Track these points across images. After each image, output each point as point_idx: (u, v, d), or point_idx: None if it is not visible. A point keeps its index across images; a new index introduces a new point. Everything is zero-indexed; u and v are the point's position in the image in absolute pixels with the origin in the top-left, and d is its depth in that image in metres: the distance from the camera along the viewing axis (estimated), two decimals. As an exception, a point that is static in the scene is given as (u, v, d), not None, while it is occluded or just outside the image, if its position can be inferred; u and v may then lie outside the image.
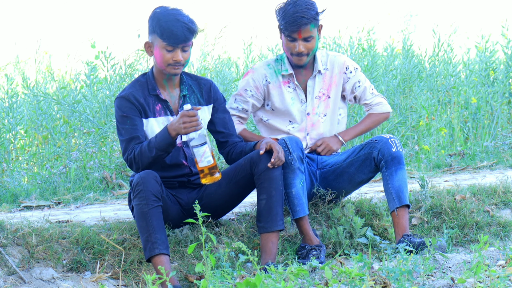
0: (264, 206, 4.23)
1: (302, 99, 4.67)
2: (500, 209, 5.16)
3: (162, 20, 4.18)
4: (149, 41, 4.25)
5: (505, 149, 7.15)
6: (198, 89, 4.40)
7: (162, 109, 4.29)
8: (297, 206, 4.39)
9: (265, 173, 4.21)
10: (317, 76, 4.67)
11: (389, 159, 4.45)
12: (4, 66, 9.44)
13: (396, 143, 4.48)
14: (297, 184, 4.37)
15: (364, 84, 4.76)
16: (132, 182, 4.21)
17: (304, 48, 4.53)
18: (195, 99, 4.37)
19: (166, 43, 4.17)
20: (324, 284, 3.54)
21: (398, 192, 4.43)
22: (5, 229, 4.27)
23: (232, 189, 4.35)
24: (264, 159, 4.22)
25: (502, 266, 3.79)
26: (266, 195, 4.23)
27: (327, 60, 4.70)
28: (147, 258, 4.04)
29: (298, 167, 4.36)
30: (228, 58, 9.69)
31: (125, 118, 4.23)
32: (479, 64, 8.67)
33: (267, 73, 4.68)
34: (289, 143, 4.37)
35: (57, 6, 14.50)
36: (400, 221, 4.43)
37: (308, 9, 4.50)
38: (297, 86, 4.67)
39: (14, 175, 6.31)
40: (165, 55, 4.19)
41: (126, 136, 4.21)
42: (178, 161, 4.34)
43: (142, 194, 4.05)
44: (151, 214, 4.05)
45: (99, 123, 7.05)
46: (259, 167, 4.22)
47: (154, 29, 4.20)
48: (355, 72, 4.72)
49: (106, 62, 7.49)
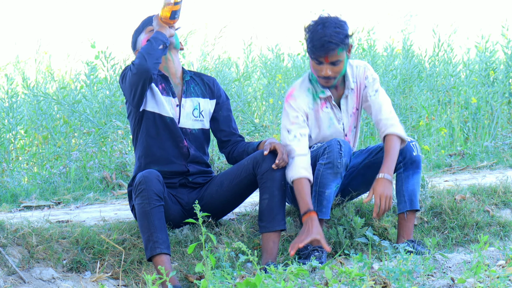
0: (266, 206, 4.23)
1: (340, 118, 4.47)
2: (500, 209, 5.16)
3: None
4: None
5: (505, 149, 7.15)
6: (202, 83, 4.45)
7: (165, 90, 4.33)
8: (324, 208, 4.33)
9: (268, 173, 4.21)
10: (349, 94, 4.47)
11: (409, 162, 4.41)
12: (4, 66, 9.45)
13: (417, 147, 4.42)
14: (332, 187, 4.33)
15: (379, 95, 4.47)
16: (133, 182, 4.21)
17: (331, 72, 4.31)
18: (199, 90, 4.42)
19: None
20: (324, 284, 3.54)
21: (411, 196, 4.43)
22: (5, 229, 4.27)
23: (234, 189, 4.35)
24: (268, 160, 4.22)
25: (502, 266, 3.79)
26: (268, 195, 4.23)
27: (353, 73, 4.48)
28: (148, 257, 4.05)
29: (341, 172, 4.30)
30: (228, 58, 9.70)
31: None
32: (479, 64, 8.67)
33: (309, 100, 4.44)
34: (343, 146, 4.27)
35: (57, 6, 14.50)
36: (407, 224, 4.43)
37: (337, 33, 4.25)
38: (334, 106, 4.45)
39: (14, 175, 6.31)
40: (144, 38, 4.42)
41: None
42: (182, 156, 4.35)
43: (145, 193, 4.06)
44: (153, 214, 4.05)
45: (99, 123, 7.05)
46: (262, 167, 4.22)
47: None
48: (373, 81, 4.47)
49: (106, 62, 7.50)
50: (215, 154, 6.42)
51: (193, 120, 4.38)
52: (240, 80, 8.39)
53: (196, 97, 4.40)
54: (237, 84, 8.24)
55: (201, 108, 4.40)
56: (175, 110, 4.33)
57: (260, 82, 9.29)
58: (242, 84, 8.44)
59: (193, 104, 4.38)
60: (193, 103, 4.38)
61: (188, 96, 4.38)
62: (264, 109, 8.65)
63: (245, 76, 8.85)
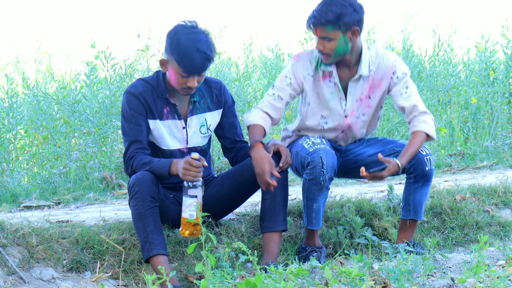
0: (268, 206, 4.23)
1: (342, 97, 4.45)
2: (500, 209, 5.16)
3: (182, 47, 4.08)
4: (165, 58, 4.18)
5: (505, 149, 7.15)
6: (209, 93, 4.36)
7: (170, 113, 4.26)
8: (314, 219, 4.37)
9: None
10: (361, 79, 4.44)
11: (420, 175, 4.40)
12: (4, 66, 9.45)
13: (431, 161, 4.39)
14: (320, 200, 4.34)
15: (411, 93, 4.46)
16: None
17: (322, 47, 4.33)
18: (205, 104, 4.34)
19: (183, 70, 4.10)
20: (324, 284, 3.54)
21: (417, 206, 4.44)
22: (5, 229, 4.27)
23: (235, 189, 4.34)
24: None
25: (502, 266, 3.79)
26: (270, 195, 4.23)
27: (376, 61, 4.45)
28: (145, 259, 4.05)
29: (327, 186, 4.31)
30: (228, 58, 9.69)
31: (131, 115, 4.20)
32: (479, 64, 8.67)
33: (311, 66, 4.45)
34: (325, 162, 4.26)
35: (57, 6, 14.50)
36: (408, 230, 4.46)
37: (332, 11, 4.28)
38: (337, 84, 4.43)
39: (14, 175, 6.31)
40: (179, 79, 4.14)
41: (129, 137, 4.20)
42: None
43: (139, 195, 4.05)
44: (148, 215, 4.05)
45: (99, 123, 7.04)
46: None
47: (172, 52, 4.11)
48: (404, 77, 4.46)
49: (106, 62, 7.50)
50: (215, 154, 6.42)
51: (202, 137, 4.35)
52: (240, 80, 8.39)
53: (203, 112, 4.34)
54: (237, 84, 8.23)
55: (208, 123, 4.35)
56: (182, 133, 4.29)
57: (260, 82, 9.28)
58: (242, 84, 8.44)
59: (199, 121, 4.33)
60: (200, 120, 4.32)
61: (194, 113, 4.31)
62: (264, 109, 8.64)
63: (245, 76, 8.84)
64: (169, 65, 4.15)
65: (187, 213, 4.02)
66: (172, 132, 4.27)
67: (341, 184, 5.90)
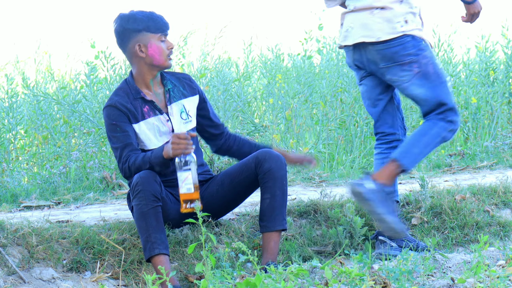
0: (267, 206, 4.23)
1: None
2: (500, 209, 5.16)
3: (143, 17, 4.24)
4: (137, 43, 4.24)
5: (505, 149, 7.15)
6: (179, 82, 4.41)
7: (151, 110, 4.29)
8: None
9: (269, 172, 4.20)
10: None
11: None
12: (4, 66, 9.45)
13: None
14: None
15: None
16: (130, 183, 4.21)
17: None
18: (179, 92, 4.38)
19: (160, 33, 4.24)
20: (324, 284, 3.54)
21: None
22: (5, 229, 4.27)
23: (235, 188, 4.34)
24: (270, 159, 4.22)
25: (502, 266, 3.79)
26: (269, 195, 4.22)
27: None
28: (147, 258, 4.05)
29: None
30: (228, 58, 9.70)
31: (115, 126, 4.22)
32: (479, 64, 8.67)
33: None
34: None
35: (57, 6, 14.50)
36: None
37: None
38: None
39: (14, 175, 6.31)
40: (161, 46, 4.24)
41: (118, 144, 4.21)
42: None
43: (142, 194, 4.06)
44: (151, 214, 4.05)
45: (99, 123, 7.04)
46: (264, 166, 4.21)
47: (138, 29, 4.23)
48: None
49: (106, 62, 7.50)
50: (216, 154, 6.42)
51: (184, 123, 4.36)
52: (240, 80, 8.39)
53: (179, 99, 4.37)
54: (237, 84, 8.24)
55: (187, 108, 4.38)
56: (167, 125, 4.31)
57: (260, 82, 9.29)
58: (242, 84, 8.44)
59: (178, 108, 4.35)
60: (178, 107, 4.35)
61: (172, 101, 4.35)
62: (264, 109, 8.65)
63: (245, 76, 8.85)
64: (146, 43, 4.23)
65: (184, 188, 3.99)
66: (158, 129, 4.29)
67: (341, 184, 5.90)
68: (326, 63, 9.06)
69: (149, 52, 4.24)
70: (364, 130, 7.60)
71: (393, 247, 4.33)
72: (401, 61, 4.24)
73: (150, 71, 4.29)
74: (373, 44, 4.24)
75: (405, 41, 4.24)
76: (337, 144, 7.40)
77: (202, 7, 13.66)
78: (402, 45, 4.24)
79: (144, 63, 4.27)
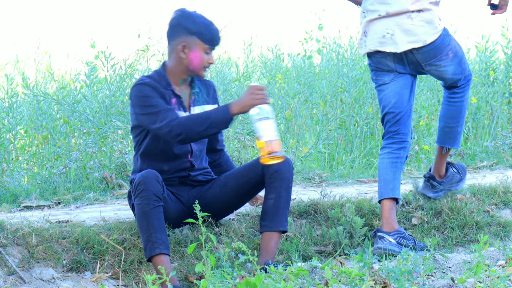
0: (271, 206, 4.23)
1: None
2: (500, 209, 5.16)
3: (202, 24, 4.24)
4: (183, 43, 4.23)
5: (505, 149, 7.15)
6: (204, 88, 4.43)
7: (177, 104, 4.30)
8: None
9: (277, 173, 4.21)
10: None
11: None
12: (4, 66, 9.45)
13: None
14: None
15: None
16: (132, 181, 4.21)
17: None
18: (203, 98, 4.40)
19: (208, 45, 4.25)
20: (324, 284, 3.54)
21: None
22: (5, 229, 4.27)
23: (239, 189, 4.36)
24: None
25: (502, 266, 3.79)
26: (274, 195, 4.23)
27: None
28: (148, 257, 4.05)
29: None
30: (228, 58, 9.70)
31: (148, 97, 4.19)
32: (479, 64, 8.67)
33: None
34: None
35: (57, 6, 14.50)
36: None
37: None
38: None
39: (14, 175, 6.31)
40: (203, 57, 4.24)
41: (160, 108, 4.17)
42: (184, 152, 4.34)
43: (144, 193, 4.06)
44: (152, 214, 4.06)
45: (99, 123, 7.05)
46: (272, 167, 4.21)
47: (192, 32, 4.23)
48: None
49: (106, 62, 7.50)
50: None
51: None
52: (240, 80, 8.39)
53: (202, 104, 4.38)
54: (237, 84, 8.24)
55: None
56: None
57: (260, 82, 9.29)
58: (242, 84, 8.44)
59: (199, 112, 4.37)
60: (200, 111, 4.36)
61: (196, 104, 4.37)
62: (264, 109, 8.63)
63: (245, 76, 8.85)
64: (191, 47, 4.23)
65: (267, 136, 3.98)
66: None
67: (341, 184, 5.90)
68: (326, 63, 9.06)
69: (190, 56, 4.26)
70: (364, 130, 7.60)
71: (391, 242, 4.36)
72: (441, 54, 4.47)
73: (183, 72, 4.30)
74: (419, 48, 4.42)
75: (443, 35, 4.46)
76: (337, 144, 7.40)
77: (202, 7, 13.65)
78: (442, 41, 4.45)
79: (181, 63, 4.28)
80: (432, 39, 4.40)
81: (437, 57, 4.45)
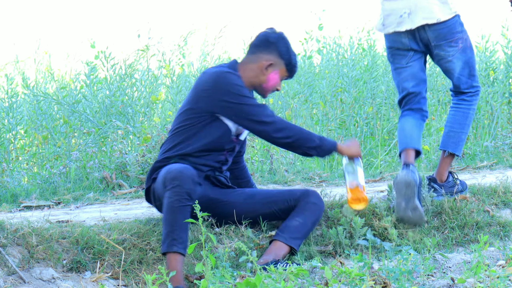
0: (295, 226, 4.39)
1: None
2: (500, 209, 5.16)
3: (293, 54, 4.45)
4: (271, 61, 4.41)
5: (505, 149, 7.15)
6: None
7: None
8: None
9: (313, 205, 4.43)
10: None
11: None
12: (4, 66, 9.45)
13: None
14: None
15: None
16: (157, 168, 4.31)
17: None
18: None
19: (287, 74, 4.47)
20: (324, 284, 3.54)
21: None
22: (5, 229, 4.27)
23: (266, 206, 4.50)
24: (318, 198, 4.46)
25: (502, 266, 3.79)
26: (302, 220, 4.40)
27: None
28: (164, 251, 4.08)
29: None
30: (228, 58, 9.69)
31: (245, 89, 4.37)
32: (479, 64, 8.67)
33: None
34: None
35: (57, 6, 14.50)
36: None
37: None
38: None
39: (14, 175, 6.31)
40: (279, 82, 4.45)
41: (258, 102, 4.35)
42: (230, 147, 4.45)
43: (178, 189, 4.10)
44: (180, 211, 4.10)
45: (99, 123, 7.05)
46: (311, 199, 4.44)
47: (283, 56, 4.42)
48: None
49: (106, 62, 7.50)
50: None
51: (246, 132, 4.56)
52: (240, 80, 8.38)
53: None
54: (237, 84, 8.22)
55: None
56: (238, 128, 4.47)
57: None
58: (242, 84, 8.42)
59: None
60: None
61: None
62: (264, 109, 8.63)
63: (245, 76, 8.83)
64: (274, 68, 4.42)
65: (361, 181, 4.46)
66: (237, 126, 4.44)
67: (341, 184, 5.90)
68: (326, 63, 9.06)
69: (269, 76, 4.43)
70: (364, 130, 7.60)
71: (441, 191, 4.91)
72: (451, 39, 4.70)
73: (253, 84, 4.45)
74: (432, 25, 4.67)
75: (455, 20, 4.71)
76: (337, 144, 7.39)
77: (202, 7, 13.66)
78: (454, 24, 4.69)
79: (257, 76, 4.43)
80: (445, 18, 4.64)
81: (447, 39, 4.68)
